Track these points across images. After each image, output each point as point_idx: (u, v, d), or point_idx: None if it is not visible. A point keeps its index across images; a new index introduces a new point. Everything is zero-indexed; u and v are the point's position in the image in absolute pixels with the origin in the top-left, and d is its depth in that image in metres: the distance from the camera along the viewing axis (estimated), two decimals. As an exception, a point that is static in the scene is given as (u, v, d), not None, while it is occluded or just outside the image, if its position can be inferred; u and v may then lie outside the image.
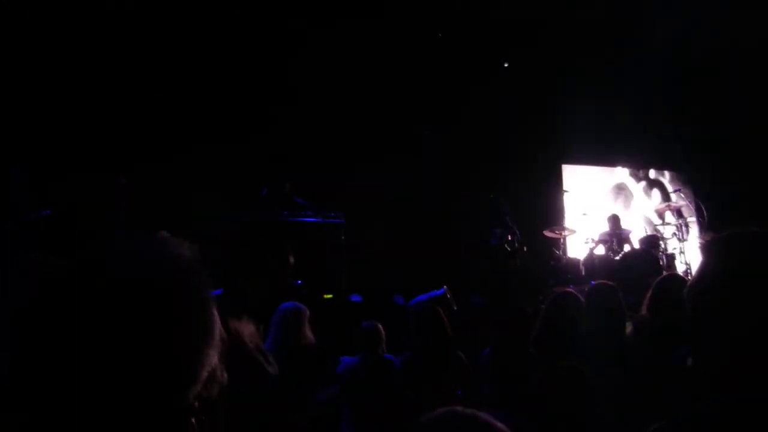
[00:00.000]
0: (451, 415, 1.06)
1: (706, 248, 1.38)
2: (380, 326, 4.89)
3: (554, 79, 10.94)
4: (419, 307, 4.87)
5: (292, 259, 2.73)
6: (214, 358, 0.88)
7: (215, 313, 0.90)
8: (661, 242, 10.19)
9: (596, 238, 10.29)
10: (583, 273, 9.72)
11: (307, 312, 4.16)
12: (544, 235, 10.43)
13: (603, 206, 11.88)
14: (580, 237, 10.51)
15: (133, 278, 0.84)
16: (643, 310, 3.89)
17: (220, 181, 8.31)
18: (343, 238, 8.24)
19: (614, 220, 10.43)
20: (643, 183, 13.05)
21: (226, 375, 0.92)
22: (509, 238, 9.43)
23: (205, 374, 0.87)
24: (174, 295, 0.86)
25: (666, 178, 13.09)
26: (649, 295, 3.87)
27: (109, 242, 0.88)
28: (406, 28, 9.92)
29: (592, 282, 6.05)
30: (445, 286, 7.43)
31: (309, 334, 4.09)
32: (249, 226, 7.35)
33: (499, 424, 1.05)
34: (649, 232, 11.17)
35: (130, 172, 7.53)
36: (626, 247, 9.97)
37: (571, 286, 8.03)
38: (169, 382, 0.84)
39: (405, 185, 9.70)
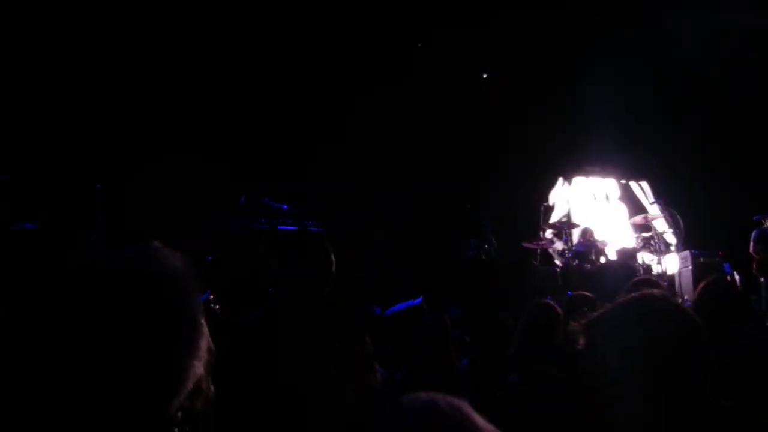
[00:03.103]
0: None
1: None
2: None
3: (535, 92, 11.01)
4: (427, 324, 4.72)
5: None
6: (199, 369, 0.87)
7: (203, 323, 0.88)
8: (638, 253, 10.28)
9: (573, 250, 10.34)
10: (561, 284, 9.76)
11: None
12: (522, 246, 10.46)
13: (583, 217, 11.97)
14: (558, 248, 10.56)
15: (122, 287, 0.83)
16: None
17: (197, 189, 8.24)
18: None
19: (588, 232, 10.51)
20: (621, 194, 13.17)
21: (212, 387, 0.90)
22: (486, 249, 9.45)
23: (189, 385, 0.85)
24: (161, 305, 0.84)
25: (643, 190, 13.20)
26: None
27: (99, 253, 0.87)
28: (388, 40, 9.94)
29: (570, 293, 6.08)
30: (421, 297, 7.40)
31: None
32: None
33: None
34: (626, 243, 11.25)
35: (108, 178, 7.42)
36: (603, 259, 10.03)
37: (549, 297, 8.06)
38: (151, 391, 0.83)
39: (382, 195, 9.68)
